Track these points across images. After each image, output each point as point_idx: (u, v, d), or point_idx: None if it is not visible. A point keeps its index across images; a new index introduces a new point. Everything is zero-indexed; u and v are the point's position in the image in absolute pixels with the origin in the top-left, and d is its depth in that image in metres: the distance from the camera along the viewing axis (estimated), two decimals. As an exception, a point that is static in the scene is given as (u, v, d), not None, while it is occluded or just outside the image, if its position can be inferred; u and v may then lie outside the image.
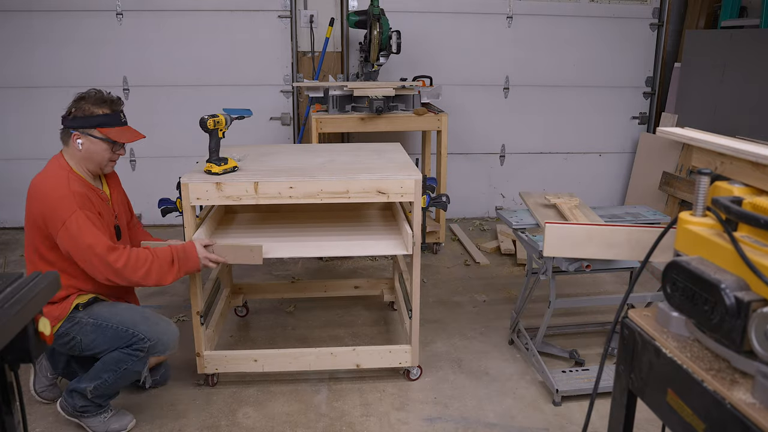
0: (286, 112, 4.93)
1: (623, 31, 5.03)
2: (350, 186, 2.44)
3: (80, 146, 2.29)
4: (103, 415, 2.37)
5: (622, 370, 1.41)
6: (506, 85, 5.07)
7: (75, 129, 2.28)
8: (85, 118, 2.27)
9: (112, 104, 2.32)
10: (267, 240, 2.67)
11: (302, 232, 2.78)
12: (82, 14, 4.57)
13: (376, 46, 4.10)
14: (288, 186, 2.42)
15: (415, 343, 2.67)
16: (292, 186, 2.42)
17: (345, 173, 2.50)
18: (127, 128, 2.37)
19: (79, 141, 2.28)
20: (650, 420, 2.33)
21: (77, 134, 2.28)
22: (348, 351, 2.66)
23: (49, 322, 1.31)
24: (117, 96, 2.39)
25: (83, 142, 2.28)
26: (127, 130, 2.36)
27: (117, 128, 2.32)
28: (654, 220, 2.87)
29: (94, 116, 2.27)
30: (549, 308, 2.67)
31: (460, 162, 5.11)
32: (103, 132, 2.29)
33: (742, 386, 1.11)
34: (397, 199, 2.49)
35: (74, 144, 2.29)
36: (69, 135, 2.30)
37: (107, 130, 2.29)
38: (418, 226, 2.49)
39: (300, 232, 2.79)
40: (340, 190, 2.44)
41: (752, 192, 1.33)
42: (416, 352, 2.68)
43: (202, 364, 2.63)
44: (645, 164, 4.99)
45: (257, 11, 4.71)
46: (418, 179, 2.46)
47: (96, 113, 2.28)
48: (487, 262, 4.20)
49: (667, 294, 1.29)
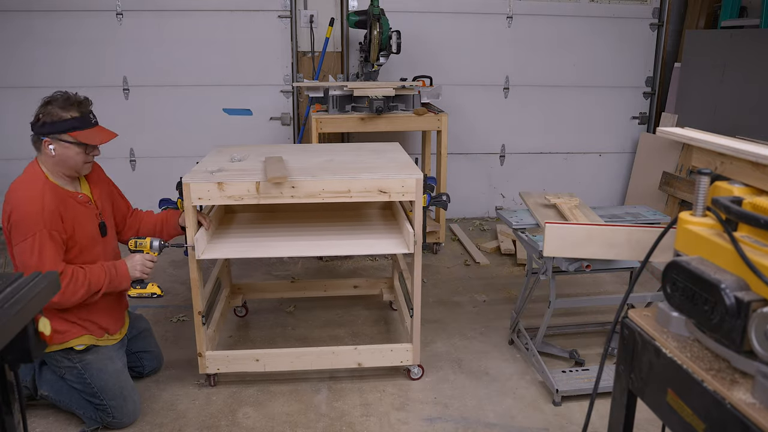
0: (286, 112, 4.93)
1: (623, 31, 5.03)
2: (352, 185, 2.44)
3: (53, 152, 2.23)
4: None
5: (622, 370, 1.41)
6: (506, 85, 5.07)
7: (45, 135, 2.22)
8: (54, 123, 2.21)
9: (80, 106, 2.26)
10: (267, 240, 2.67)
11: (302, 231, 2.78)
12: (82, 14, 4.57)
13: (376, 46, 4.10)
14: (290, 186, 2.41)
15: (417, 342, 2.67)
16: (293, 186, 2.42)
17: (346, 173, 2.51)
18: (98, 129, 2.31)
19: (51, 147, 2.23)
20: (650, 420, 2.33)
21: (48, 140, 2.23)
22: (350, 350, 2.67)
23: (49, 322, 1.31)
24: (84, 96, 2.33)
25: (55, 148, 2.23)
26: (98, 131, 2.30)
27: (88, 130, 2.26)
28: (654, 220, 2.87)
29: (64, 121, 2.21)
30: (549, 308, 2.67)
31: (460, 162, 5.11)
32: (74, 136, 2.23)
33: (742, 386, 1.11)
34: (399, 198, 2.49)
35: (46, 150, 2.24)
36: (40, 141, 2.24)
37: (78, 134, 2.23)
38: (419, 225, 2.50)
39: (300, 231, 2.78)
40: (342, 189, 2.44)
41: (752, 192, 1.33)
42: (417, 350, 2.68)
43: (204, 364, 2.63)
44: (645, 164, 4.99)
45: (257, 11, 4.71)
46: (419, 178, 2.46)
47: (65, 117, 2.21)
48: (487, 262, 4.20)
49: (667, 294, 1.29)
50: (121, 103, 4.77)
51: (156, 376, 2.78)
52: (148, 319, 2.88)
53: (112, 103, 4.75)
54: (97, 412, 2.39)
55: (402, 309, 2.97)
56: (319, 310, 3.44)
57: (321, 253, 2.71)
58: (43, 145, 2.24)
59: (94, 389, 2.36)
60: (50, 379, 2.45)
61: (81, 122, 2.24)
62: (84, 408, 2.41)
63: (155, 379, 2.76)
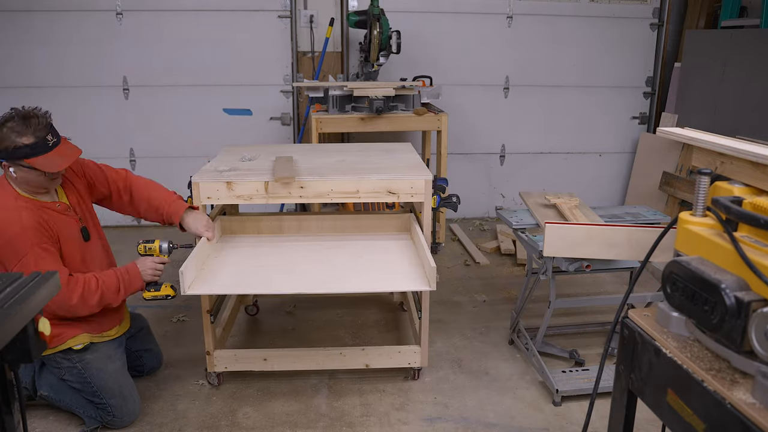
0: (286, 112, 4.93)
1: (623, 31, 5.02)
2: (360, 186, 2.44)
3: (14, 174, 2.18)
4: None
5: (622, 370, 1.41)
6: (506, 85, 5.07)
7: (2, 159, 2.16)
8: (8, 150, 2.11)
9: (36, 130, 2.13)
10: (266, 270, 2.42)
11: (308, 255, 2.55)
12: (82, 14, 4.57)
13: (376, 46, 4.10)
14: (298, 186, 2.41)
15: (425, 344, 2.67)
16: (302, 186, 2.42)
17: (355, 173, 2.51)
18: (56, 152, 2.17)
19: (11, 169, 2.17)
20: (650, 420, 2.33)
21: (6, 164, 2.17)
22: (357, 351, 2.66)
23: (49, 322, 1.31)
24: (42, 113, 2.19)
25: (15, 170, 2.17)
26: (56, 155, 2.16)
27: (44, 156, 2.14)
28: (654, 220, 2.87)
29: (18, 148, 2.11)
30: (549, 308, 2.67)
31: (460, 162, 5.11)
32: (30, 162, 2.13)
33: (742, 386, 1.11)
34: (407, 199, 2.49)
35: (8, 172, 2.19)
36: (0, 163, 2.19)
37: (34, 160, 2.13)
38: (428, 227, 2.50)
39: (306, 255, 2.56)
40: (351, 189, 2.44)
41: (752, 192, 1.33)
42: (425, 352, 2.68)
43: (212, 362, 2.63)
44: (645, 164, 4.99)
45: (257, 11, 4.71)
46: (429, 179, 2.46)
47: (19, 144, 2.10)
48: (487, 262, 4.20)
49: (667, 294, 1.29)
50: (121, 103, 4.77)
51: (156, 376, 2.78)
52: (147, 318, 2.87)
53: (111, 103, 4.75)
54: (98, 411, 2.40)
55: (411, 311, 2.96)
56: (319, 311, 3.44)
57: (328, 291, 2.46)
58: (4, 167, 2.19)
59: (94, 388, 2.36)
60: (50, 380, 2.44)
61: (35, 149, 2.12)
62: (84, 407, 2.41)
63: (155, 378, 2.76)
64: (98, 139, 4.74)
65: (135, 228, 4.89)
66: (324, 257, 2.52)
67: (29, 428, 1.89)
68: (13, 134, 2.11)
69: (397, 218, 2.88)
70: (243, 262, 2.48)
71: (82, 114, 4.73)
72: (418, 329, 2.70)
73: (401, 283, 2.35)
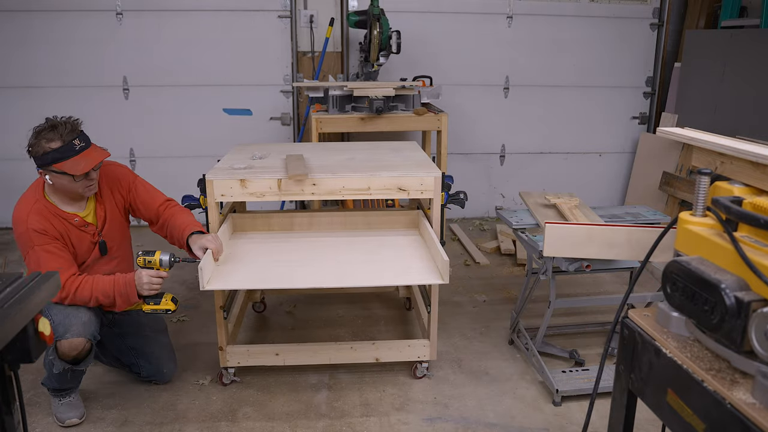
0: (286, 112, 4.93)
1: (623, 31, 5.02)
2: (371, 183, 2.48)
3: (50, 181, 2.30)
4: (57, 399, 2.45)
5: (622, 370, 1.41)
6: (506, 85, 5.07)
7: (38, 167, 2.29)
8: (39, 156, 2.24)
9: (63, 135, 2.24)
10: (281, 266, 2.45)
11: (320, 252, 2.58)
12: (82, 14, 4.57)
13: (376, 46, 4.10)
14: (311, 183, 2.44)
15: (434, 338, 2.69)
16: (314, 183, 2.45)
17: (366, 170, 2.54)
18: (82, 156, 2.27)
19: (47, 177, 2.29)
20: (650, 420, 2.33)
21: (42, 171, 2.29)
22: (368, 345, 2.69)
23: (49, 323, 1.31)
24: (69, 120, 2.31)
25: (51, 177, 2.28)
26: (82, 158, 2.26)
27: (71, 160, 2.24)
28: (654, 220, 2.87)
29: (47, 153, 2.22)
30: (549, 308, 2.67)
31: (460, 162, 5.11)
32: (57, 167, 2.24)
33: (742, 386, 1.11)
34: (417, 196, 2.53)
35: (45, 180, 2.31)
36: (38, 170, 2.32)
37: (61, 165, 2.24)
38: (438, 223, 2.55)
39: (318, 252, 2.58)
40: (362, 186, 2.48)
41: (752, 192, 1.33)
42: (434, 346, 2.70)
43: (225, 358, 2.64)
44: (645, 164, 4.99)
45: (257, 11, 4.71)
46: (438, 176, 2.50)
47: (47, 150, 2.22)
48: (487, 262, 4.20)
49: (667, 294, 1.29)
50: (121, 103, 4.77)
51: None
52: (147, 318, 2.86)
53: (112, 103, 4.75)
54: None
55: (419, 305, 2.98)
56: (320, 310, 3.44)
57: (343, 284, 2.51)
58: (41, 175, 2.32)
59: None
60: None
61: (63, 152, 2.23)
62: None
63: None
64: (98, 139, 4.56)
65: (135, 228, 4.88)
66: (337, 253, 2.58)
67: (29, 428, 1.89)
68: (43, 141, 2.24)
69: (406, 215, 2.93)
70: (258, 258, 2.52)
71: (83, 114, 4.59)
72: (427, 324, 2.72)
73: (415, 277, 2.40)
